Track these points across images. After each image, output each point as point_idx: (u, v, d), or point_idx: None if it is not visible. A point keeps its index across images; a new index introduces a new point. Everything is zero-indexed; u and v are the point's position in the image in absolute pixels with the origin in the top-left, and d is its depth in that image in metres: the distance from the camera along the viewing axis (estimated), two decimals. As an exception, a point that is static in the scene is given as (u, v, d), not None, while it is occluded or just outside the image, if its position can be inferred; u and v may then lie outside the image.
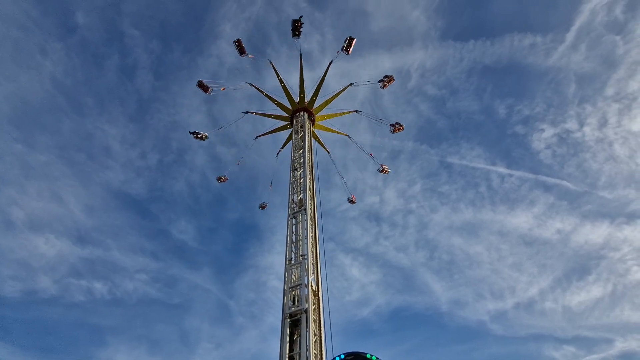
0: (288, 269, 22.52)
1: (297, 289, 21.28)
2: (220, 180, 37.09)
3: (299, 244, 23.96)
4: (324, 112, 34.95)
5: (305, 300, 20.50)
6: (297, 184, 27.89)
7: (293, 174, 28.69)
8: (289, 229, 24.88)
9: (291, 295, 21.18)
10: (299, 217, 25.28)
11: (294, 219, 25.43)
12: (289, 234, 24.62)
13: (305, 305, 20.21)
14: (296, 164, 29.48)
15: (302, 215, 25.19)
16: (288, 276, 22.15)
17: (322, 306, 21.55)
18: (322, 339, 20.15)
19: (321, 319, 20.94)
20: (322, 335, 20.30)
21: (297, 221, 25.23)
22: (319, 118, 34.80)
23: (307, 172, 28.22)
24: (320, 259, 23.94)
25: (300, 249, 23.53)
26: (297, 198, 26.83)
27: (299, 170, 28.92)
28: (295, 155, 30.35)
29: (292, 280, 21.90)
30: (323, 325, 20.77)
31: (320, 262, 23.69)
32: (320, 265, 23.51)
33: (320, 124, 35.24)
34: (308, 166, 28.77)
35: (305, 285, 21.26)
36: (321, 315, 21.10)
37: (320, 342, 20.00)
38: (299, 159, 29.81)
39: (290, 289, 21.38)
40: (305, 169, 28.47)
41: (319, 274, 22.99)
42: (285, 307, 20.69)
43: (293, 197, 26.97)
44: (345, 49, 33.42)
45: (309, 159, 29.41)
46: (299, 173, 28.62)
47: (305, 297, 20.68)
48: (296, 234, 24.63)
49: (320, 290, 22.24)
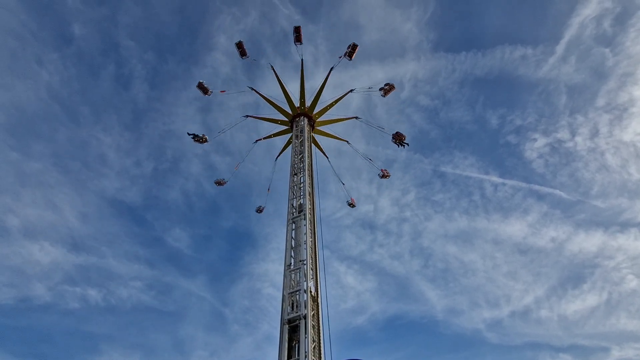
0: (287, 275, 22.32)
1: (296, 294, 21.11)
2: (219, 184, 36.85)
3: (298, 249, 23.81)
4: (323, 118, 35.01)
5: (304, 305, 20.33)
6: (297, 189, 27.80)
7: (292, 179, 28.61)
8: (288, 234, 24.72)
9: (290, 300, 20.98)
10: (299, 223, 25.16)
11: (293, 224, 25.29)
12: (288, 239, 24.45)
13: (304, 311, 20.02)
14: (296, 169, 29.41)
15: (302, 220, 25.08)
16: (287, 282, 21.95)
17: (321, 312, 21.38)
18: (321, 345, 19.96)
19: (320, 325, 20.75)
20: (321, 341, 20.11)
21: (297, 226, 25.10)
22: (318, 124, 34.82)
23: (307, 177, 28.15)
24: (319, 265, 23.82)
25: (299, 255, 23.40)
26: (296, 203, 26.73)
27: (298, 175, 28.85)
28: (295, 160, 30.29)
29: (291, 285, 21.72)
30: (322, 331, 20.60)
31: (319, 268, 23.55)
32: (319, 271, 23.38)
33: (320, 129, 35.26)
34: (307, 171, 28.72)
35: (305, 291, 21.09)
36: (320, 322, 20.92)
37: (319, 349, 19.80)
38: (299, 163, 29.76)
39: (289, 295, 21.19)
40: (304, 174, 28.40)
41: (318, 280, 22.84)
42: (284, 313, 20.47)
43: (292, 202, 26.85)
44: (347, 54, 33.59)
45: (308, 164, 29.36)
46: (299, 178, 28.55)
47: (304, 302, 20.51)
48: (295, 239, 24.49)
49: (319, 296, 22.07)
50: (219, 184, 36.69)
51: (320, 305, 21.66)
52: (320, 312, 21.33)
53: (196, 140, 34.80)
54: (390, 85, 34.36)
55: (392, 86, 34.41)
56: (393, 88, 34.41)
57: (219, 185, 36.71)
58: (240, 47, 34.55)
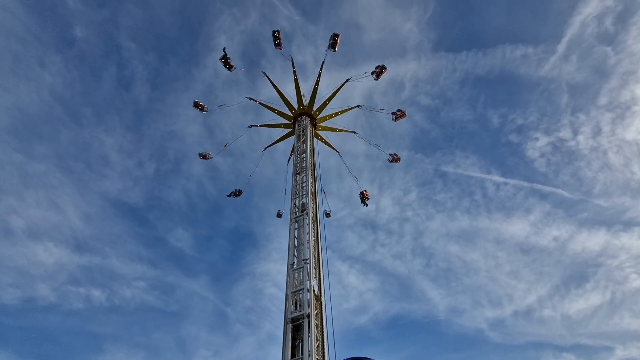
0: (290, 274, 22.31)
1: (299, 293, 21.10)
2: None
3: (301, 248, 23.80)
4: (325, 113, 34.96)
5: (307, 304, 20.32)
6: (299, 188, 27.83)
7: (295, 179, 28.66)
8: (291, 233, 24.71)
9: (293, 300, 20.97)
10: (301, 222, 25.15)
11: (296, 223, 25.29)
12: (291, 238, 24.44)
13: (307, 310, 20.01)
14: (298, 168, 29.46)
15: (304, 219, 25.07)
16: (290, 281, 21.94)
17: (324, 311, 21.35)
18: (325, 344, 19.94)
19: (323, 324, 20.73)
20: (324, 340, 20.09)
21: (299, 225, 25.09)
22: (320, 120, 34.80)
23: (309, 176, 28.16)
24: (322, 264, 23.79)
25: (302, 254, 23.40)
26: (299, 202, 26.73)
27: (301, 174, 28.89)
28: (298, 159, 30.33)
29: (294, 284, 21.71)
30: (325, 330, 20.58)
31: (322, 267, 23.53)
32: (322, 270, 23.35)
33: (324, 125, 35.22)
34: (310, 170, 28.74)
35: (308, 290, 21.09)
36: (323, 320, 20.89)
37: (322, 348, 19.78)
38: (302, 163, 29.79)
39: (292, 294, 21.18)
40: (307, 173, 28.43)
41: (322, 279, 22.81)
42: (288, 312, 20.48)
43: (295, 202, 26.86)
44: (330, 46, 33.71)
45: (310, 163, 29.38)
46: (301, 177, 28.58)
47: (307, 301, 20.50)
48: (298, 239, 24.48)
49: (322, 295, 22.05)
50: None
51: (323, 305, 21.64)
52: (323, 311, 21.32)
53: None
54: (381, 67, 34.42)
55: (383, 67, 34.45)
56: (384, 69, 34.46)
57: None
58: (225, 61, 34.14)
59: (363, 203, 34.46)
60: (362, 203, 34.48)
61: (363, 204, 34.48)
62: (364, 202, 34.44)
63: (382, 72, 34.55)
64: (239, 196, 36.53)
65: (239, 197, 36.40)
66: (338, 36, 33.66)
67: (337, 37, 33.63)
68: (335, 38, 33.62)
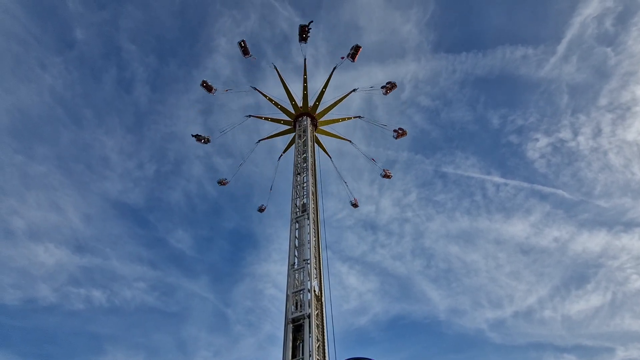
0: (291, 274, 22.29)
1: (300, 294, 21.09)
2: (222, 184, 37.18)
3: (301, 248, 23.80)
4: (326, 118, 35.02)
5: (308, 305, 20.31)
6: (300, 189, 27.82)
7: (296, 179, 28.64)
8: (292, 233, 24.70)
9: (294, 300, 20.96)
10: (302, 222, 25.15)
11: (296, 223, 25.28)
12: (292, 238, 24.43)
13: (308, 310, 20.00)
14: (299, 169, 29.44)
15: (305, 220, 25.06)
16: (291, 281, 21.93)
17: (324, 311, 21.34)
18: (325, 344, 19.93)
19: (324, 325, 20.73)
20: (325, 340, 20.08)
21: (300, 226, 25.09)
22: (321, 123, 34.85)
23: (310, 177, 28.16)
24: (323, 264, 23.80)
25: (303, 254, 23.39)
26: (299, 203, 26.72)
27: (301, 174, 28.87)
28: (298, 159, 30.33)
29: (295, 285, 21.69)
30: (326, 330, 20.58)
31: (323, 268, 23.53)
32: (322, 270, 23.35)
33: (323, 128, 35.27)
34: (310, 170, 28.73)
35: (308, 290, 21.07)
36: (324, 321, 20.89)
37: (323, 348, 19.78)
38: (302, 163, 29.79)
39: (293, 294, 21.17)
40: (307, 174, 28.42)
41: (322, 279, 22.81)
42: (288, 312, 20.45)
43: (296, 202, 26.85)
44: (350, 56, 33.53)
45: (311, 164, 29.37)
46: (302, 178, 28.57)
47: (308, 302, 20.49)
48: (299, 239, 24.48)
49: (323, 296, 22.04)
50: (221, 184, 37.26)
51: (323, 305, 21.63)
52: (324, 312, 21.31)
53: (198, 140, 36.11)
54: (392, 84, 34.59)
55: (394, 84, 34.63)
56: (394, 86, 34.64)
57: (222, 185, 37.21)
58: (243, 45, 34.77)
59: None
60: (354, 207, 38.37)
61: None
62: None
63: (391, 89, 34.75)
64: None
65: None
66: (360, 48, 33.27)
67: (359, 50, 33.28)
68: (356, 49, 33.31)
